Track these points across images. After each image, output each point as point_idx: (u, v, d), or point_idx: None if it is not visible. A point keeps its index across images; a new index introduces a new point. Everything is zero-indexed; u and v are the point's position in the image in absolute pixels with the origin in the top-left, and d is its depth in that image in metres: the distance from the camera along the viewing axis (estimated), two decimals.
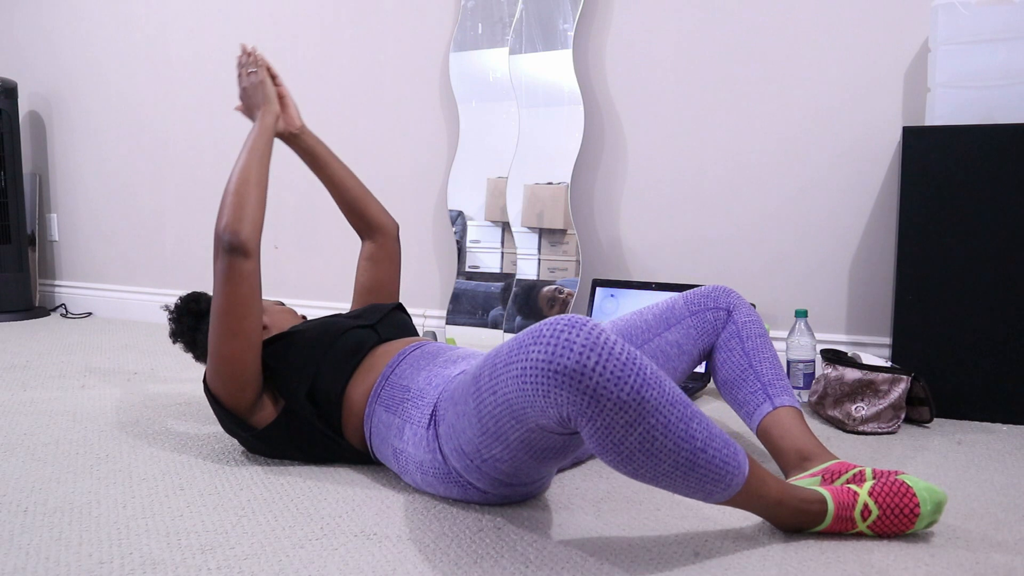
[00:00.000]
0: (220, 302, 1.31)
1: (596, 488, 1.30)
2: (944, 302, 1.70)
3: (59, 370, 2.27)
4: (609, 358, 0.92)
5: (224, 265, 1.30)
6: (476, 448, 1.08)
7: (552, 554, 1.05)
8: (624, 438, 0.93)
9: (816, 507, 1.07)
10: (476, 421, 1.05)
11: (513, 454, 1.07)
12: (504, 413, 1.01)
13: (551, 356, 0.93)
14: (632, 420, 0.92)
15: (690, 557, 1.04)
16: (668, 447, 0.94)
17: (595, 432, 0.93)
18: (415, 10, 2.58)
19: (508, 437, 1.04)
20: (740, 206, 2.15)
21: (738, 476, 1.00)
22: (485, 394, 1.03)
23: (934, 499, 1.06)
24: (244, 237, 1.30)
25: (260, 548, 1.07)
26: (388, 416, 1.26)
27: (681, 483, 0.98)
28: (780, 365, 1.36)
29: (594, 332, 0.93)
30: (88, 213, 3.44)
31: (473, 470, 1.12)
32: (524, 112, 2.35)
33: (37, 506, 1.23)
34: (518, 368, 0.97)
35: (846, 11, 2.00)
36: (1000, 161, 1.64)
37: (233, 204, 1.32)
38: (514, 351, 0.99)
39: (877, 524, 1.07)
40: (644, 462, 0.95)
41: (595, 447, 0.95)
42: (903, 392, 1.63)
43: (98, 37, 3.31)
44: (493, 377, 1.02)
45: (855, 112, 2.01)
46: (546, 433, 1.01)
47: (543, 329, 0.96)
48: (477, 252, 2.44)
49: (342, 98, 2.76)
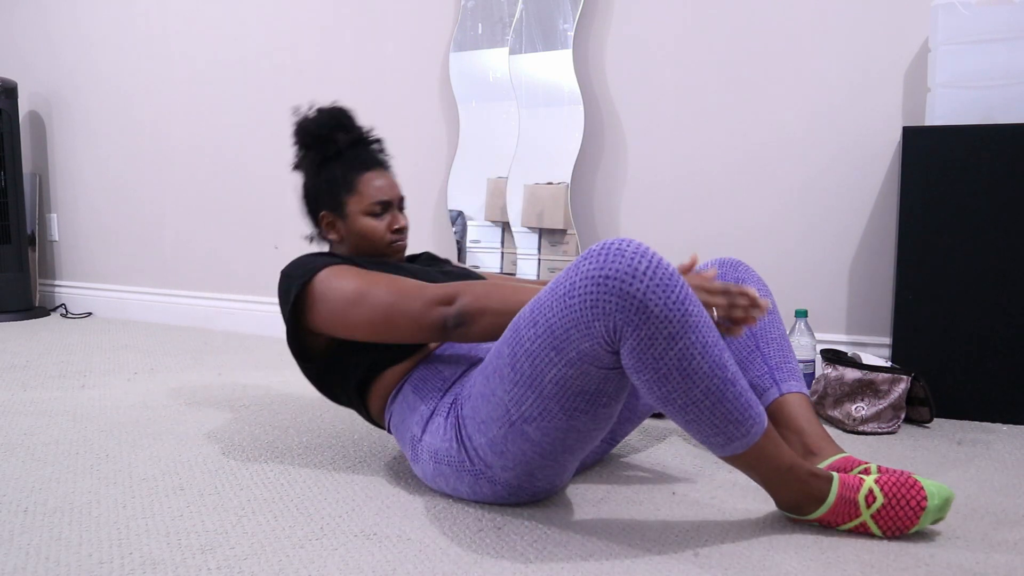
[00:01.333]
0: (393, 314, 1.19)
1: (596, 488, 1.30)
2: (944, 302, 1.70)
3: (59, 370, 2.27)
4: (658, 268, 0.96)
5: (433, 319, 1.18)
6: (505, 408, 1.07)
7: (552, 554, 1.05)
8: (664, 352, 0.95)
9: (822, 483, 1.06)
10: (509, 370, 1.05)
11: (544, 404, 1.04)
12: (543, 345, 1.01)
13: (602, 264, 0.96)
14: (675, 333, 0.95)
15: (690, 557, 1.04)
16: (703, 370, 0.97)
17: (637, 345, 0.96)
18: (415, 10, 2.58)
19: (543, 378, 1.03)
20: (740, 206, 2.15)
21: (759, 424, 1.02)
22: (524, 330, 1.04)
23: (942, 494, 1.06)
24: (465, 335, 1.18)
25: (260, 548, 1.07)
26: (415, 400, 1.24)
27: (707, 416, 0.99)
28: (789, 345, 1.32)
29: (643, 246, 0.97)
30: (88, 213, 3.44)
31: (499, 442, 1.10)
32: (524, 112, 2.35)
33: (37, 506, 1.23)
34: (566, 286, 0.99)
35: (846, 11, 2.00)
36: (1000, 161, 1.64)
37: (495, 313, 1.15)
38: (561, 276, 1.01)
39: (881, 513, 1.05)
40: (679, 383, 0.97)
41: (634, 363, 0.97)
42: (903, 392, 1.63)
43: (98, 37, 3.31)
44: (535, 310, 1.03)
45: (855, 112, 2.01)
46: (584, 367, 1.00)
47: (592, 248, 1.00)
48: (477, 252, 2.44)
49: (342, 98, 2.75)
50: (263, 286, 2.98)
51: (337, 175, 1.39)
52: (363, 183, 1.39)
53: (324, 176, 1.40)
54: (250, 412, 1.80)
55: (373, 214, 1.39)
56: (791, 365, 1.29)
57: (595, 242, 2.32)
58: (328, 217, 1.41)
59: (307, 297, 1.25)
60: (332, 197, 1.39)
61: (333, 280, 1.23)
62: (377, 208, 1.39)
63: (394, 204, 1.42)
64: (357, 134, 1.43)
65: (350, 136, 1.42)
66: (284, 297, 1.28)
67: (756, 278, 1.36)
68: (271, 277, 2.96)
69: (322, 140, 1.40)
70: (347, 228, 1.40)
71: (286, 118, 2.87)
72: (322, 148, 1.41)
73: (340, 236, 1.42)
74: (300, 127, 1.42)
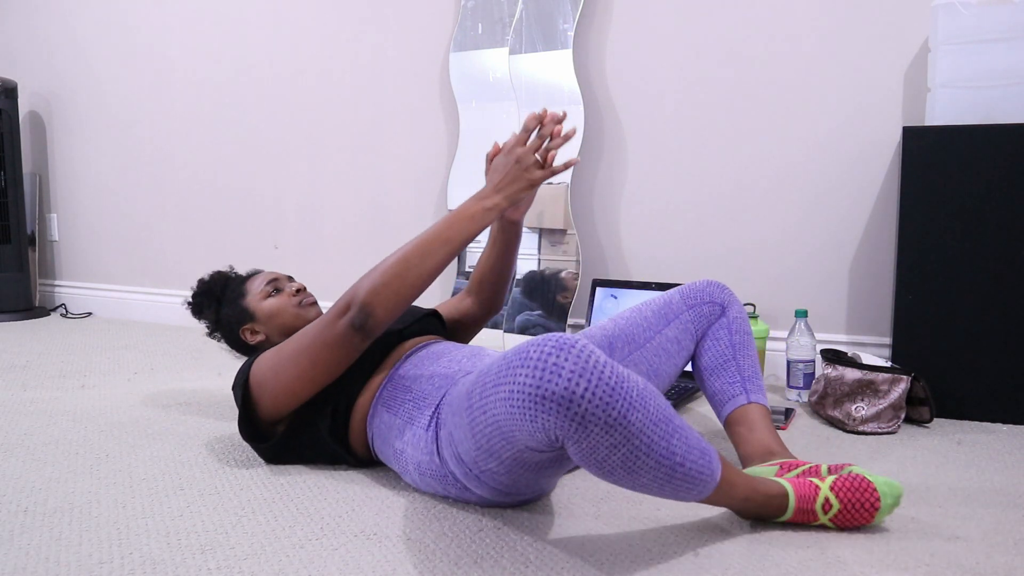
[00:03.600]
0: (312, 352, 1.26)
1: (596, 488, 1.30)
2: (944, 302, 1.70)
3: (59, 370, 2.27)
4: (599, 383, 0.91)
5: (340, 332, 1.23)
6: (473, 459, 1.09)
7: (552, 554, 1.05)
8: (608, 457, 0.94)
9: (778, 501, 1.11)
10: (470, 436, 1.06)
11: (508, 469, 1.07)
12: (495, 433, 1.01)
13: (539, 381, 0.92)
14: (617, 442, 0.93)
15: (690, 557, 1.04)
16: (649, 464, 0.96)
17: (580, 452, 0.95)
18: (415, 10, 2.58)
19: (501, 455, 1.04)
20: (740, 206, 2.15)
21: (711, 481, 1.03)
22: (476, 412, 1.03)
23: (893, 493, 1.11)
24: (376, 324, 1.23)
25: (260, 548, 1.07)
26: (390, 416, 1.26)
27: (658, 492, 1.01)
28: (759, 365, 1.43)
29: (583, 355, 0.92)
30: (88, 213, 3.44)
31: (472, 479, 1.13)
32: (524, 112, 2.35)
33: (37, 506, 1.23)
34: (506, 391, 0.96)
35: (846, 11, 2.00)
36: (1000, 161, 1.64)
37: (388, 284, 1.21)
38: (502, 372, 0.97)
39: (838, 518, 1.11)
40: (624, 477, 0.97)
41: (579, 462, 0.98)
42: (903, 392, 1.63)
43: (98, 38, 3.31)
44: (483, 396, 1.01)
45: (855, 111, 2.01)
46: (536, 452, 1.02)
47: (530, 351, 0.95)
48: (477, 252, 2.44)
49: (342, 98, 2.76)
50: None
51: (231, 299, 1.60)
52: (247, 286, 1.60)
53: (225, 311, 1.60)
54: None
55: (268, 296, 1.56)
56: (760, 382, 1.40)
57: (592, 243, 2.32)
58: (246, 328, 1.57)
59: (251, 394, 1.33)
60: (238, 313, 1.57)
61: (259, 366, 1.33)
62: (269, 289, 1.57)
63: (280, 280, 1.60)
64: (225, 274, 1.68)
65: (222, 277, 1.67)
66: (237, 402, 1.35)
67: (738, 303, 1.46)
68: None
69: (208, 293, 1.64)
70: (261, 322, 1.56)
71: (286, 118, 2.87)
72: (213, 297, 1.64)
73: (263, 331, 1.56)
74: (194, 301, 1.66)
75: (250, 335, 1.56)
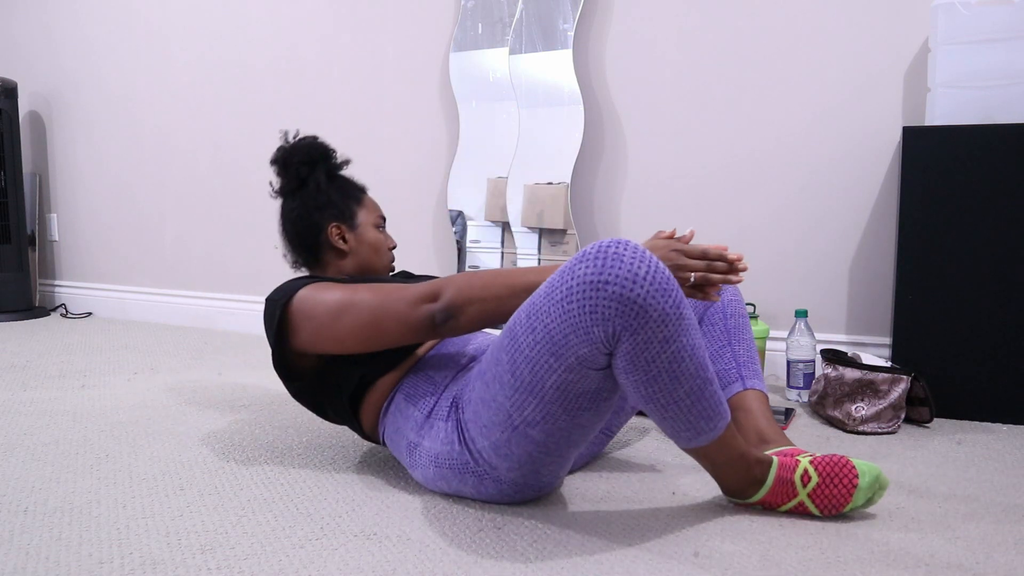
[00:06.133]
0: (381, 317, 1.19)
1: (596, 488, 1.30)
2: (944, 302, 1.70)
3: (59, 370, 2.27)
4: (656, 273, 0.96)
5: (419, 317, 1.17)
6: (507, 413, 1.08)
7: (552, 554, 1.05)
8: (658, 355, 0.97)
9: (763, 467, 1.13)
10: (509, 376, 1.06)
11: (547, 410, 1.06)
12: (542, 352, 1.02)
13: (600, 269, 0.96)
14: (669, 336, 0.97)
15: (690, 557, 1.04)
16: (690, 371, 1.00)
17: (632, 348, 0.97)
18: (415, 10, 2.58)
19: (544, 384, 1.04)
20: (740, 206, 2.16)
21: (725, 418, 1.07)
22: (521, 337, 1.04)
23: (872, 472, 1.13)
24: (457, 328, 1.17)
25: (260, 548, 1.07)
26: (407, 407, 1.25)
27: (684, 414, 1.03)
28: (755, 349, 1.42)
29: (639, 249, 0.98)
30: (88, 213, 3.44)
31: (503, 445, 1.10)
32: (524, 112, 2.35)
33: (37, 506, 1.23)
34: (563, 291, 0.99)
35: (846, 11, 2.00)
36: (1000, 161, 1.64)
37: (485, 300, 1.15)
38: (556, 280, 1.01)
39: (817, 492, 1.12)
40: (666, 383, 1.00)
41: (626, 365, 0.99)
42: (903, 392, 1.63)
43: (98, 37, 3.31)
44: (531, 315, 1.03)
45: (855, 112, 2.01)
46: (583, 371, 1.02)
47: (587, 250, 0.99)
48: (477, 252, 2.44)
49: (342, 98, 2.76)
50: (263, 286, 2.98)
51: (343, 188, 1.43)
52: (366, 200, 1.46)
53: (329, 192, 1.42)
54: (250, 412, 1.80)
55: (378, 227, 1.45)
56: (756, 367, 1.38)
57: (592, 242, 2.32)
58: (339, 229, 1.42)
59: (290, 317, 1.24)
60: (343, 209, 1.42)
61: (315, 296, 1.23)
62: (381, 222, 1.46)
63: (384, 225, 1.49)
64: (345, 160, 1.49)
65: (342, 161, 1.48)
66: (268, 321, 1.27)
67: (733, 289, 1.45)
68: (271, 277, 2.96)
69: (323, 159, 1.43)
70: (357, 239, 1.42)
71: (286, 118, 2.87)
72: (325, 166, 1.43)
73: (350, 247, 1.42)
74: (293, 150, 1.42)
75: (335, 237, 1.40)
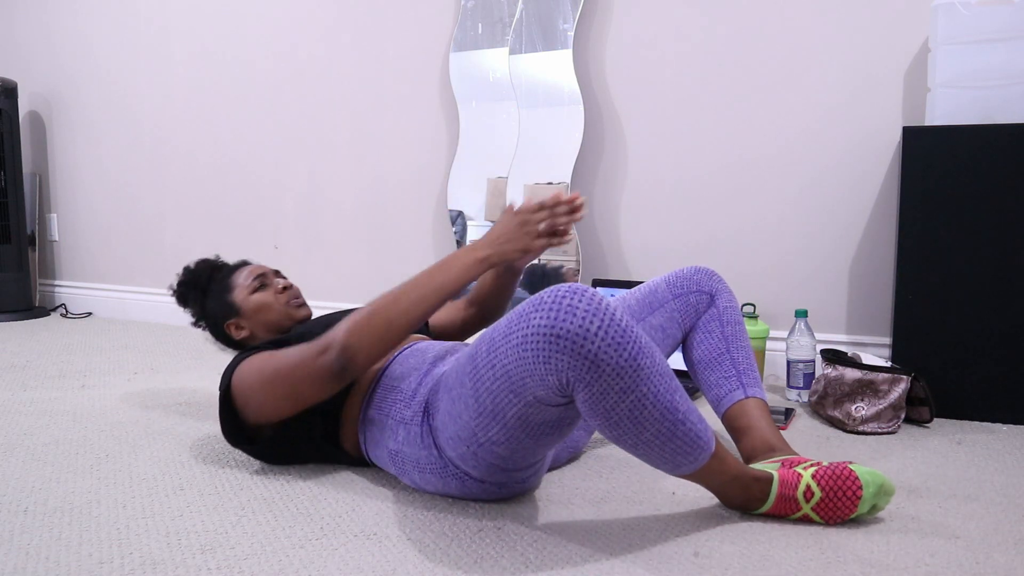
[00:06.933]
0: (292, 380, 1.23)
1: (596, 488, 1.30)
2: (944, 302, 1.70)
3: (59, 370, 2.27)
4: (611, 324, 0.95)
5: (319, 371, 1.20)
6: (472, 431, 1.08)
7: (552, 554, 1.05)
8: (616, 404, 0.97)
9: (762, 485, 1.12)
10: (473, 401, 1.06)
11: (510, 434, 1.07)
12: (502, 387, 1.02)
13: (553, 321, 0.96)
14: (626, 387, 0.96)
15: (690, 557, 1.04)
16: (655, 416, 0.99)
17: (590, 398, 0.97)
18: (415, 10, 2.58)
19: (505, 414, 1.04)
20: (740, 206, 2.15)
21: (707, 448, 1.06)
22: (483, 370, 1.04)
23: (876, 482, 1.11)
24: (357, 369, 1.20)
25: (260, 548, 1.07)
26: (380, 418, 1.25)
27: (657, 451, 1.03)
28: (753, 355, 1.41)
29: (595, 298, 0.97)
30: (88, 213, 3.44)
31: (469, 457, 1.12)
32: (524, 112, 2.35)
33: (37, 506, 1.23)
34: (519, 336, 0.99)
35: (846, 11, 2.00)
36: (1000, 161, 1.64)
37: (374, 328, 1.18)
38: (514, 322, 1.01)
39: (821, 506, 1.11)
40: (630, 428, 0.99)
41: (586, 412, 0.99)
42: (903, 392, 1.63)
43: (98, 37, 3.31)
44: (491, 352, 1.03)
45: (855, 112, 2.01)
46: (543, 406, 1.03)
47: (544, 297, 0.99)
48: None
49: (343, 98, 2.76)
50: None
51: (216, 291, 1.56)
52: (233, 280, 1.56)
53: (209, 307, 1.57)
54: None
55: (255, 290, 1.53)
56: (755, 374, 1.37)
57: (592, 243, 2.32)
58: (231, 323, 1.54)
59: (235, 402, 1.31)
60: (223, 307, 1.54)
61: (242, 378, 1.29)
62: (256, 284, 1.54)
63: (268, 275, 1.56)
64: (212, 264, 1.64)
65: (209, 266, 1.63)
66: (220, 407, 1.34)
67: (727, 290, 1.43)
68: None
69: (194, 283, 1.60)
70: (246, 317, 1.53)
71: (286, 118, 2.87)
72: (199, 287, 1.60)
73: (248, 327, 1.54)
74: (179, 289, 1.62)
75: (235, 330, 1.54)
